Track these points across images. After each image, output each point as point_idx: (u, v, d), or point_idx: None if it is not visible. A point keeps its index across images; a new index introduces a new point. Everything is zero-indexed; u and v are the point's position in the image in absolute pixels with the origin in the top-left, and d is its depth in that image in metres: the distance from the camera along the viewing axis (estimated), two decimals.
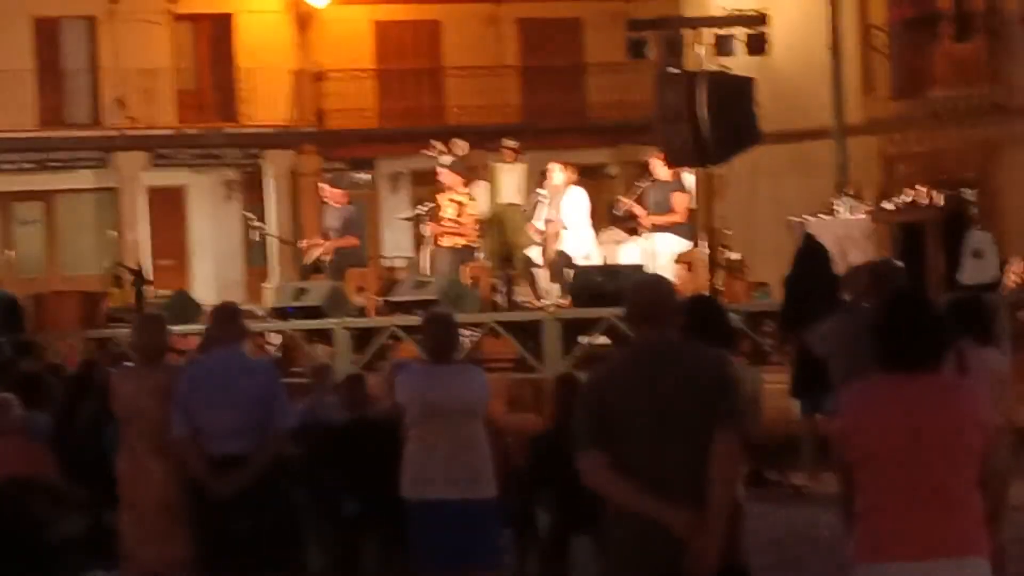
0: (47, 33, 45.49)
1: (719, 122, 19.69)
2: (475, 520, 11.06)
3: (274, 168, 44.85)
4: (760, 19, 27.89)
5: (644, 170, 25.65)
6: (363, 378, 15.79)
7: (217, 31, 46.66)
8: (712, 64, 22.81)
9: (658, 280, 9.31)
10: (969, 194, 28.65)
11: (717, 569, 6.93)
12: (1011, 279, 25.13)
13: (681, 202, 24.57)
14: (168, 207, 46.35)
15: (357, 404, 14.32)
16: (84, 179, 45.63)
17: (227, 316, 11.92)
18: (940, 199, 26.56)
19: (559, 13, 46.35)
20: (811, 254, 21.26)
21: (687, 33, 26.94)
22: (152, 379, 11.31)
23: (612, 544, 7.69)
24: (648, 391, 7.12)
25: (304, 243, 29.92)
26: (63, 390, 15.24)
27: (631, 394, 7.18)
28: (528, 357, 22.83)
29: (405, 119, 42.02)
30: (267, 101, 45.69)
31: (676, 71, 23.22)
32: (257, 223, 38.32)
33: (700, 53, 24.43)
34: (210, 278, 43.94)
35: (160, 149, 45.80)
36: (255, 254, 44.83)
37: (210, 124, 46.22)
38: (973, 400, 7.07)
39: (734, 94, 20.96)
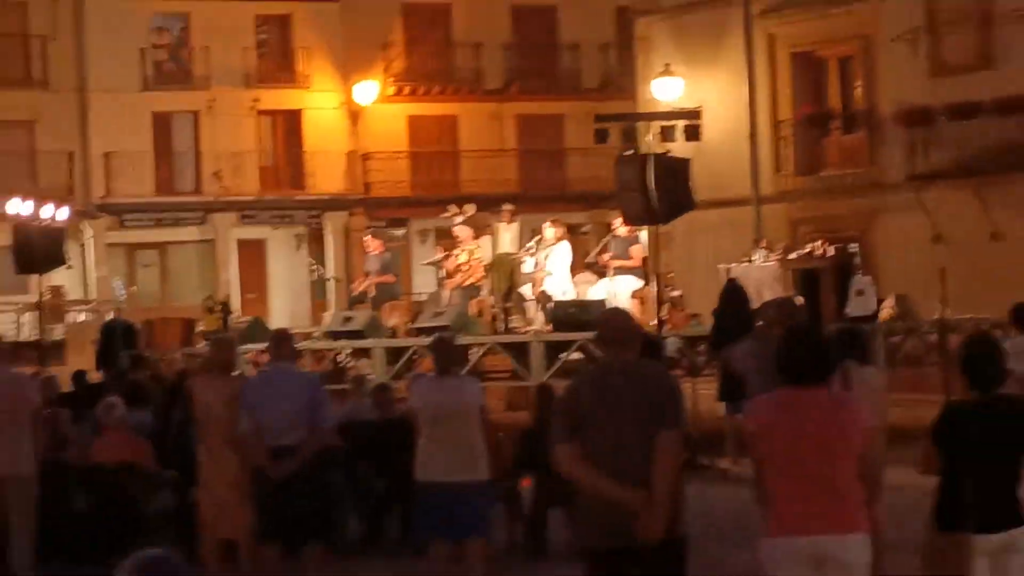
0: (162, 123, 45.44)
1: (663, 193, 19.74)
2: (471, 497, 10.95)
3: (332, 225, 44.74)
4: (695, 114, 27.71)
5: (608, 228, 25.63)
6: (389, 387, 15.74)
7: (289, 122, 46.50)
8: (658, 148, 22.85)
9: (621, 312, 9.58)
10: (853, 248, 28.45)
11: (662, 535, 7.01)
12: (885, 312, 24.96)
13: (636, 252, 24.73)
14: (252, 255, 46.19)
15: (385, 407, 14.15)
16: (189, 233, 45.49)
17: (281, 340, 11.77)
18: (831, 251, 26.41)
19: (546, 111, 46.43)
20: (733, 293, 21.22)
21: (640, 124, 26.89)
22: (223, 387, 11.20)
23: (580, 517, 7.94)
24: (610, 398, 7.27)
25: (355, 284, 30.02)
26: (161, 395, 15.16)
27: (597, 401, 7.30)
28: (520, 369, 22.71)
29: (430, 189, 41.82)
30: (327, 175, 45.69)
31: (631, 153, 23.36)
32: (318, 268, 38.62)
33: (650, 139, 24.44)
34: (284, 309, 43.78)
35: (246, 211, 45.57)
36: (317, 290, 44.88)
37: (284, 192, 46.13)
38: (853, 410, 7.15)
39: (675, 171, 20.97)
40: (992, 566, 7.25)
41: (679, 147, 26.55)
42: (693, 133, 24.80)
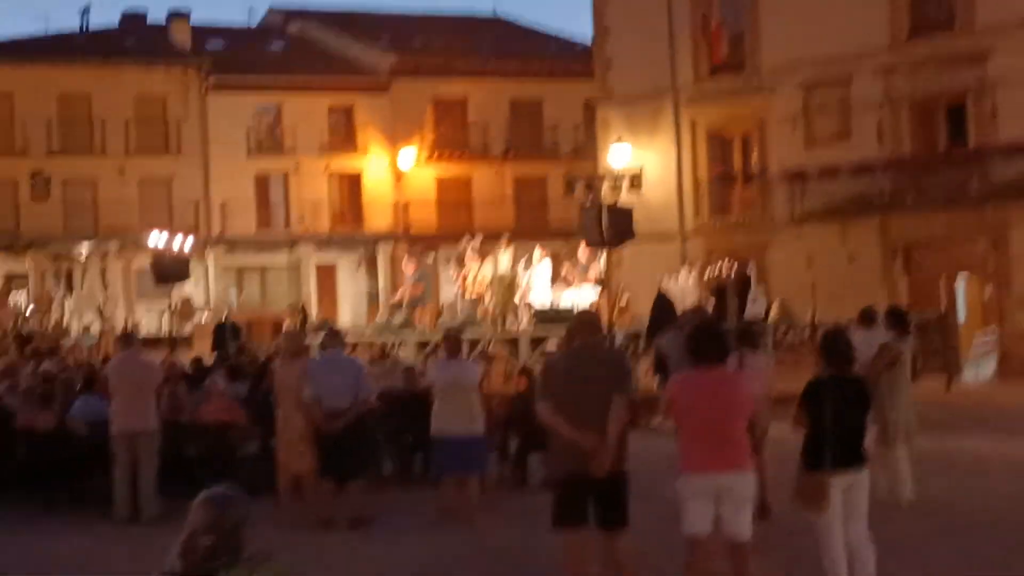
0: (261, 180, 45.81)
1: (612, 228, 19.72)
2: (471, 445, 11.01)
3: (382, 253, 44.68)
4: (639, 174, 27.95)
5: (575, 253, 25.51)
6: (414, 367, 15.70)
7: (352, 180, 46.62)
8: (611, 197, 22.98)
9: (591, 312, 9.67)
10: (751, 268, 28.38)
11: (609, 470, 7.08)
12: (772, 315, 24.85)
13: (593, 273, 24.72)
14: (326, 275, 46.21)
15: (411, 381, 14.01)
16: (280, 259, 45.44)
17: (334, 334, 11.89)
18: (734, 270, 26.31)
19: (534, 171, 46.57)
20: (662, 300, 21.28)
21: (598, 179, 26.95)
22: (293, 368, 11.13)
23: (551, 455, 8.11)
24: (579, 371, 7.41)
25: (396, 294, 30.08)
26: (254, 373, 15.05)
27: (569, 372, 7.50)
28: (512, 355, 22.33)
29: (451, 226, 41.33)
30: (378, 218, 45.81)
31: (592, 201, 23.39)
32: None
33: (605, 189, 24.59)
34: (347, 313, 43.76)
35: (321, 243, 45.75)
36: (372, 299, 44.40)
37: (348, 229, 46.06)
38: (743, 383, 7.38)
39: (621, 214, 20.95)
40: (843, 497, 7.19)
41: (627, 196, 26.76)
42: (636, 185, 25.18)
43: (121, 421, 11.35)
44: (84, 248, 42.07)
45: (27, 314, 39.30)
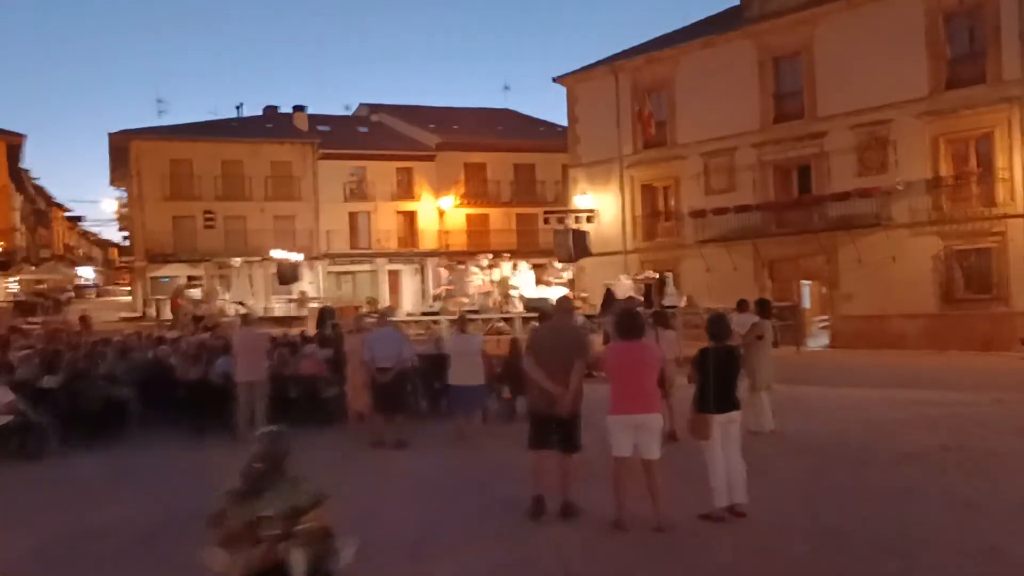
0: (353, 217, 45.33)
1: (576, 247, 19.21)
2: (476, 393, 10.51)
3: (432, 265, 43.71)
4: (593, 211, 27.44)
5: (552, 263, 25.02)
6: (441, 336, 15.21)
7: (409, 217, 46.34)
8: (575, 226, 22.42)
9: (567, 299, 9.12)
10: (668, 274, 27.80)
11: (570, 410, 6.79)
12: (682, 304, 24.35)
13: (563, 276, 24.26)
14: (394, 278, 45.73)
15: (439, 346, 13.55)
16: (364, 268, 45.31)
17: (384, 314, 11.37)
18: (657, 275, 25.76)
19: (530, 213, 45.02)
20: (608, 294, 20.74)
21: (566, 216, 26.38)
22: (357, 338, 10.69)
23: (530, 396, 7.38)
24: (553, 338, 7.05)
25: (437, 291, 29.58)
26: (336, 342, 14.53)
27: (547, 338, 7.13)
28: (510, 330, 21.85)
29: (476, 247, 40.57)
30: (428, 241, 45.39)
31: (562, 228, 22.76)
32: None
33: (569, 220, 24.02)
34: (408, 303, 42.64)
35: (391, 257, 45.09)
36: (423, 294, 43.48)
37: (408, 248, 45.60)
38: (654, 350, 6.80)
39: (581, 237, 20.45)
40: (722, 430, 6.70)
41: (587, 227, 26.27)
42: (591, 220, 24.65)
43: (242, 373, 10.94)
44: (237, 261, 41.70)
45: (200, 302, 39.26)
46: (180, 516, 6.96)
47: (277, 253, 27.55)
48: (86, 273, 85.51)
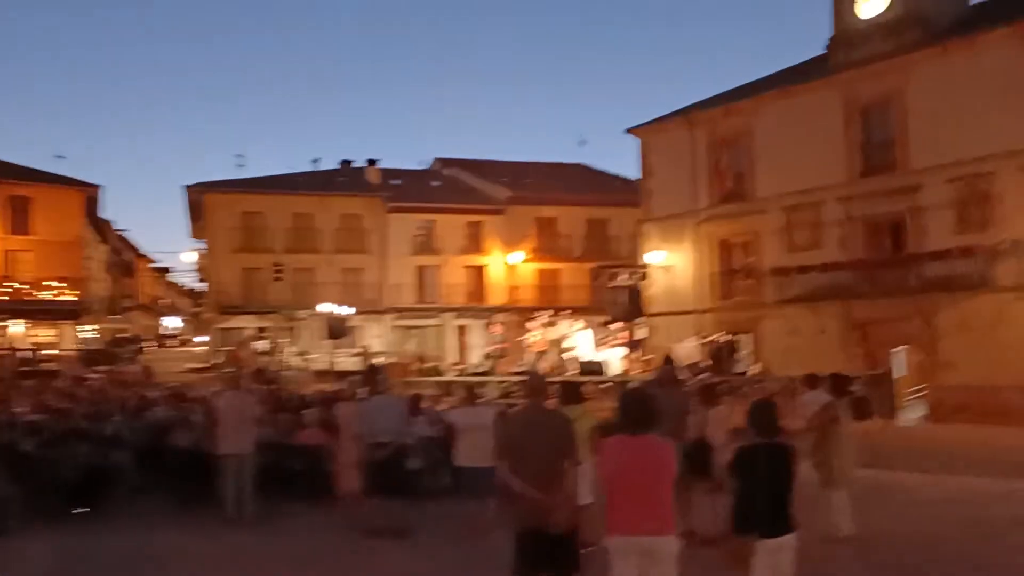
0: (421, 271, 44.78)
1: (632, 304, 17.38)
2: (487, 476, 8.72)
3: (499, 319, 42.39)
4: (646, 267, 25.87)
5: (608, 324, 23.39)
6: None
7: (478, 272, 45.33)
8: (628, 282, 20.57)
9: (538, 374, 7.15)
10: (740, 338, 25.82)
11: (566, 526, 5.28)
12: (753, 371, 22.28)
13: (624, 336, 22.50)
14: (462, 333, 44.79)
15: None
16: (432, 322, 44.42)
17: (383, 380, 9.87)
18: (726, 338, 23.82)
19: (585, 263, 43.68)
20: (666, 358, 18.66)
21: (621, 271, 24.67)
22: (350, 406, 9.26)
23: (512, 511, 5.56)
24: (530, 433, 5.44)
25: (492, 348, 28.19)
26: None
27: (524, 434, 5.48)
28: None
29: (546, 303, 38.90)
30: (496, 296, 44.24)
31: (613, 286, 21.01)
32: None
33: (624, 277, 22.09)
34: (476, 358, 40.95)
35: (459, 312, 44.16)
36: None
37: (475, 303, 44.37)
38: (668, 450, 4.88)
39: (636, 294, 18.63)
40: (770, 560, 4.89)
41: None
42: (645, 276, 22.96)
43: (227, 445, 9.51)
44: (304, 313, 41.21)
45: (265, 354, 38.99)
46: None
47: (324, 307, 26.66)
48: (173, 323, 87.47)
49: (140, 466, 10.82)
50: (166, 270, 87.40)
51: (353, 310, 26.41)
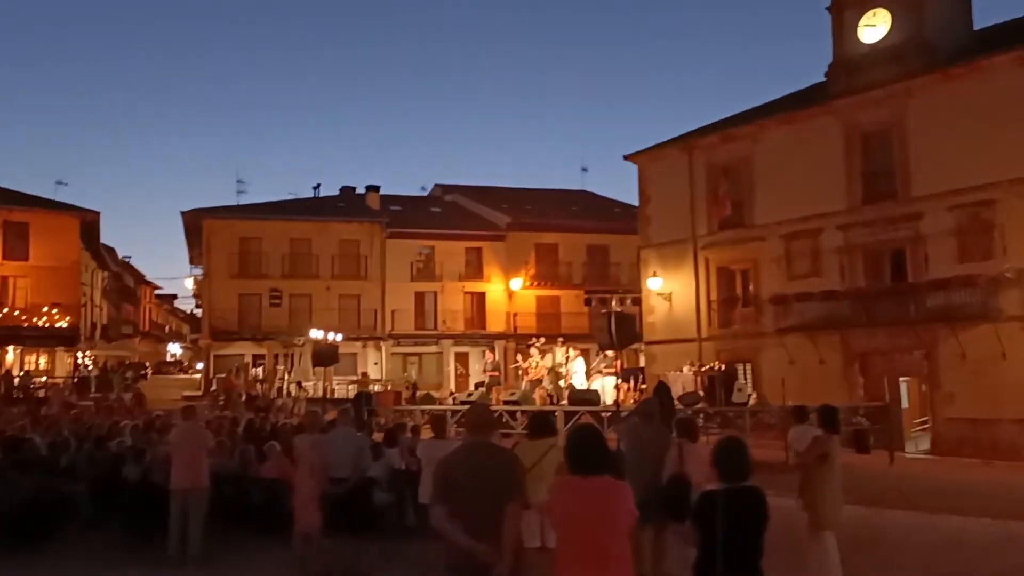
0: (418, 297, 44.26)
1: (620, 332, 16.54)
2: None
3: (499, 346, 41.90)
4: (628, 295, 25.41)
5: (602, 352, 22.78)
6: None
7: (479, 298, 44.83)
8: (618, 308, 19.85)
9: (483, 407, 6.49)
10: (738, 365, 25.25)
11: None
12: (751, 402, 21.61)
13: (616, 366, 21.89)
14: (461, 360, 44.16)
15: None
16: (431, 349, 43.85)
17: (345, 412, 9.15)
18: (722, 367, 23.19)
19: (603, 296, 43.27)
20: (660, 386, 17.86)
21: (610, 296, 23.94)
22: (308, 438, 8.56)
23: (449, 559, 4.72)
24: (471, 474, 4.75)
25: (485, 374, 27.61)
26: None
27: (464, 474, 4.76)
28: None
29: (546, 330, 38.16)
30: (496, 323, 43.56)
31: (602, 311, 20.18)
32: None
33: (614, 302, 21.34)
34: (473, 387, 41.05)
35: (457, 339, 43.53)
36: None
37: (475, 330, 43.96)
38: (624, 496, 4.28)
39: (627, 320, 17.76)
40: None
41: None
42: (635, 303, 22.49)
43: (176, 479, 8.94)
44: (300, 340, 40.68)
45: (260, 380, 38.49)
46: None
47: (314, 334, 26.15)
48: (174, 349, 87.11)
49: (94, 499, 10.28)
50: (174, 297, 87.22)
51: (340, 336, 25.87)
